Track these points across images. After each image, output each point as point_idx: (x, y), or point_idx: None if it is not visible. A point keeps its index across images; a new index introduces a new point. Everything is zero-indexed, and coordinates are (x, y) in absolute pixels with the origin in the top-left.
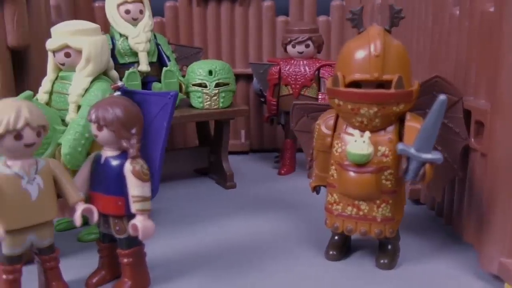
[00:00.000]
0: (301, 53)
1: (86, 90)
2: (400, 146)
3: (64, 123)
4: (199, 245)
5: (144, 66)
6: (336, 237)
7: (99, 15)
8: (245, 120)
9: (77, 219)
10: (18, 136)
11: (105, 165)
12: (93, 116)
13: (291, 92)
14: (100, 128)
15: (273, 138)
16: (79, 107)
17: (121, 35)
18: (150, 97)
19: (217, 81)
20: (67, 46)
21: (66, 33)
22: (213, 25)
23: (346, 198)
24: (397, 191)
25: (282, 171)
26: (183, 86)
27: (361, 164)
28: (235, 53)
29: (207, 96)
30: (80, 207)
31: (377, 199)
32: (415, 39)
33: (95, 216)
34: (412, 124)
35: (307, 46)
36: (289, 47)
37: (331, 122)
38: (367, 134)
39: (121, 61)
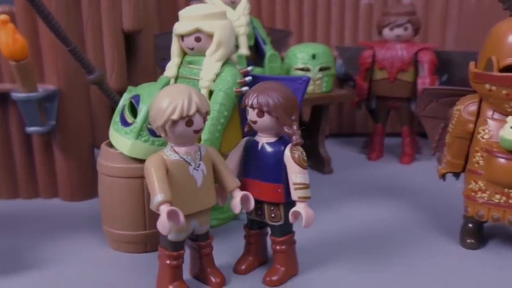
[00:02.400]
0: (399, 36)
1: (217, 75)
2: None
3: None
4: (328, 232)
5: (244, 50)
6: (470, 225)
7: None
8: None
9: (237, 206)
10: (189, 122)
11: (263, 151)
12: (253, 102)
13: (386, 76)
14: (261, 114)
15: (352, 123)
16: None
17: None
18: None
19: (320, 65)
20: (199, 31)
21: (197, 17)
22: (296, 8)
23: (493, 185)
24: None
25: (373, 156)
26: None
27: None
28: (317, 35)
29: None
30: (238, 194)
31: None
32: None
33: (252, 203)
34: None
35: (406, 29)
36: (385, 30)
37: (474, 107)
38: None
39: None
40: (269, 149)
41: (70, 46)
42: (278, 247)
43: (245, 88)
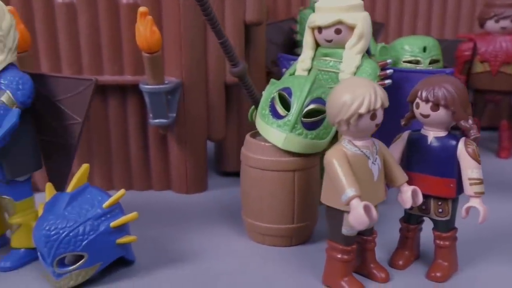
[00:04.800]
0: (504, 28)
1: (357, 68)
2: None
3: None
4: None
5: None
6: None
7: None
8: None
9: (408, 201)
10: (373, 115)
11: (433, 146)
12: (429, 95)
13: (488, 69)
14: (436, 107)
15: None
16: None
17: None
18: (414, 75)
19: (431, 58)
20: (340, 22)
21: (339, 9)
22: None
23: None
24: None
25: (503, 154)
26: None
27: None
28: (402, 28)
29: None
30: (408, 189)
31: None
32: None
33: (420, 198)
34: None
35: None
36: (489, 22)
37: None
38: None
39: None
40: (440, 143)
41: (222, 38)
42: (442, 243)
43: (388, 81)
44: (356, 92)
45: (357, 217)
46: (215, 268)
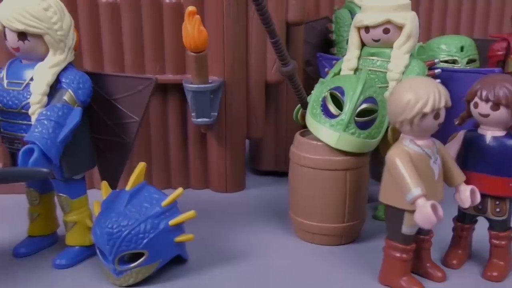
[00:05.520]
0: None
1: (405, 67)
2: None
3: None
4: None
5: None
6: None
7: None
8: None
9: (467, 200)
10: (437, 115)
11: (493, 145)
12: (490, 95)
13: None
14: (496, 107)
15: None
16: None
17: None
18: (462, 75)
19: (468, 57)
20: (389, 22)
21: (388, 8)
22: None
23: None
24: None
25: None
26: None
27: None
28: (446, 27)
29: None
30: (466, 188)
31: None
32: None
33: (478, 197)
34: None
35: None
36: None
37: None
38: None
39: None
40: (499, 143)
41: (275, 38)
42: (498, 242)
43: (437, 81)
44: (420, 91)
45: (424, 216)
46: (269, 266)
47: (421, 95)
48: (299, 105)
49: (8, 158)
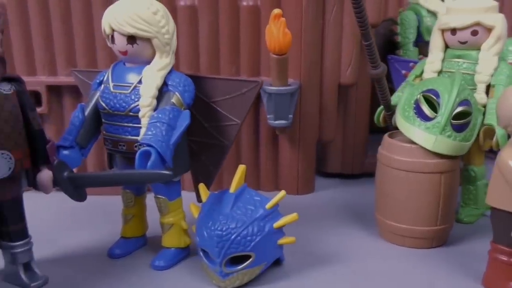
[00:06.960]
0: None
1: (494, 69)
2: None
3: None
4: None
5: None
6: None
7: None
8: None
9: None
10: None
11: None
12: None
13: None
14: None
15: None
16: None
17: (428, 11)
18: None
19: None
20: (478, 24)
21: (477, 10)
22: None
23: None
24: None
25: None
26: None
27: None
28: None
29: None
30: None
31: None
32: None
33: None
34: None
35: None
36: None
37: None
38: None
39: (427, 38)
40: None
41: (369, 40)
42: None
43: None
44: None
45: None
46: (365, 268)
47: None
48: (381, 106)
49: (106, 159)
